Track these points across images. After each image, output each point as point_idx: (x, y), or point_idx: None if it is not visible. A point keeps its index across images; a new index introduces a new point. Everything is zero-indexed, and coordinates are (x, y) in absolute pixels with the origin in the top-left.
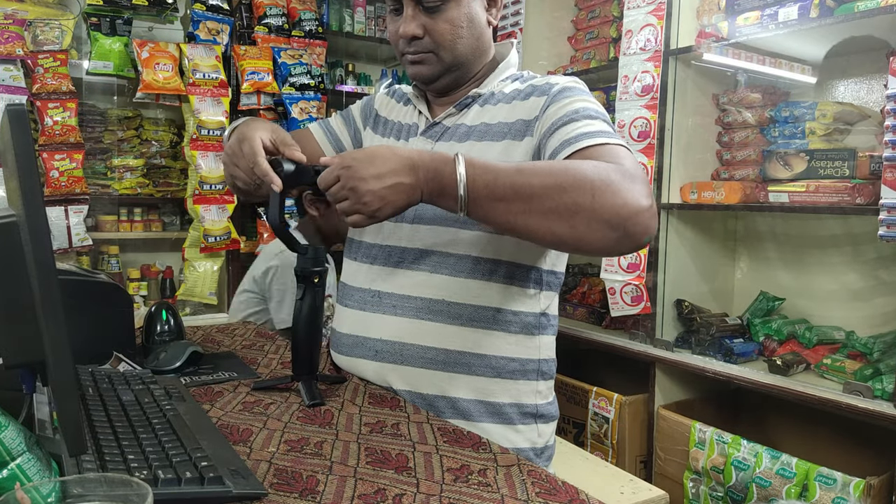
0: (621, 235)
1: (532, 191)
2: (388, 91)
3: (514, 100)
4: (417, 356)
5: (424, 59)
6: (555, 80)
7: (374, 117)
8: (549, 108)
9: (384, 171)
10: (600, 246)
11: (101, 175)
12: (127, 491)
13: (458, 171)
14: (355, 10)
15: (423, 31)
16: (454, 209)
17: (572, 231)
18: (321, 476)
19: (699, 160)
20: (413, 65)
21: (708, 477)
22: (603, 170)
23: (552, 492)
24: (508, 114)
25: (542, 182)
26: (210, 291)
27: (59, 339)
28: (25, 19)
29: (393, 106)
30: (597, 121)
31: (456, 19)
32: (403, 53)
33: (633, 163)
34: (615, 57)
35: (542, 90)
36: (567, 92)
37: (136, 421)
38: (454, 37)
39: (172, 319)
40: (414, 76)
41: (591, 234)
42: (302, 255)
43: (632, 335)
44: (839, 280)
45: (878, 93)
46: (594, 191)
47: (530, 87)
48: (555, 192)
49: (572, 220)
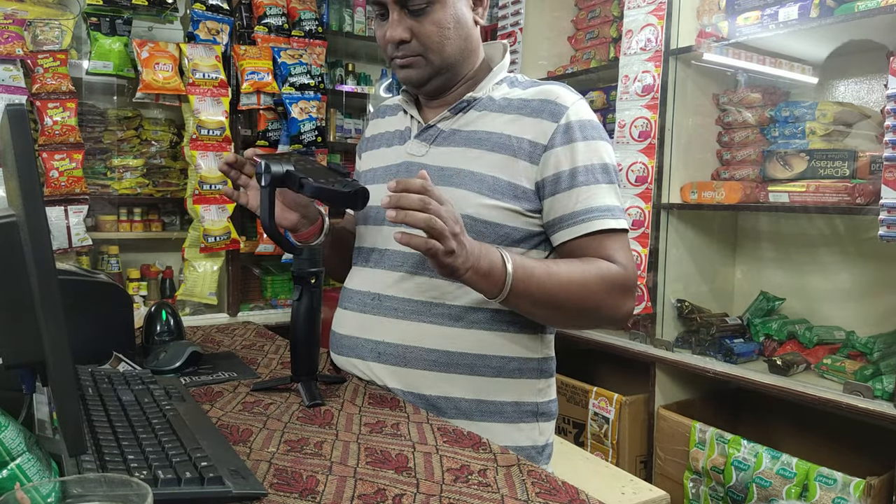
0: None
1: (556, 302)
2: (374, 114)
3: (520, 112)
4: (419, 358)
5: (413, 62)
6: (564, 103)
7: (367, 141)
8: (558, 149)
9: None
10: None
11: (100, 175)
12: (127, 491)
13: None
14: (355, 9)
15: (410, 34)
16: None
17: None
18: (321, 476)
19: (699, 160)
20: (402, 69)
21: (708, 477)
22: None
23: (552, 492)
24: (513, 127)
25: (567, 295)
26: (210, 291)
27: (58, 339)
28: (25, 19)
29: (379, 122)
30: (611, 188)
31: (442, 21)
32: (392, 58)
33: (629, 259)
34: (615, 57)
35: (553, 113)
36: (581, 132)
37: (135, 421)
38: (441, 38)
39: (172, 319)
40: (404, 80)
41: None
42: (297, 255)
43: (632, 335)
44: (839, 280)
45: (878, 93)
46: (600, 306)
47: (538, 103)
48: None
49: (581, 322)
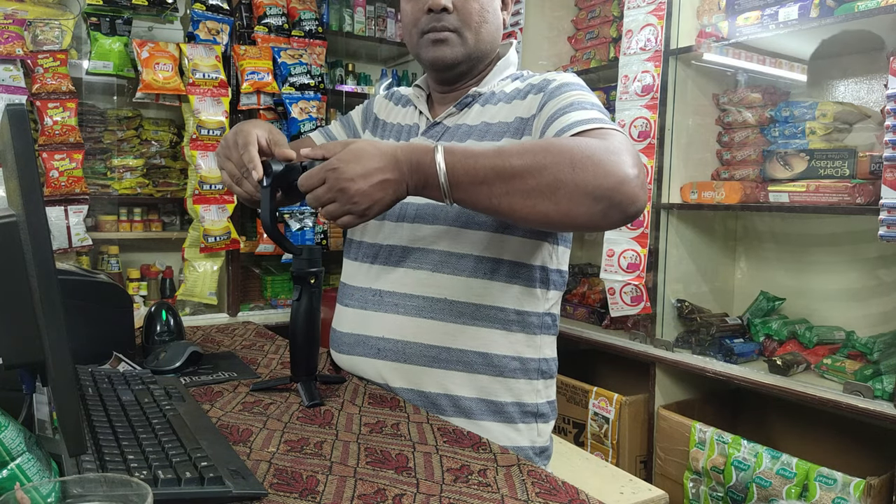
0: (607, 206)
1: (513, 171)
2: (387, 94)
3: (515, 99)
4: (420, 354)
5: (448, 38)
6: (552, 77)
7: (374, 120)
8: (546, 105)
9: (370, 168)
10: (587, 220)
11: (100, 175)
12: (127, 491)
13: (436, 160)
14: (355, 9)
15: (454, 5)
16: (440, 198)
17: (556, 207)
18: (321, 476)
19: (699, 160)
20: (435, 45)
21: (708, 477)
22: (584, 144)
23: (552, 492)
24: (508, 113)
25: (522, 161)
26: (210, 291)
27: (59, 339)
28: (25, 19)
29: (391, 108)
30: (591, 111)
31: (485, 2)
32: (425, 32)
33: (622, 140)
34: (615, 57)
35: (540, 87)
36: (564, 87)
37: (135, 421)
38: (481, 20)
39: (172, 319)
40: (434, 60)
41: (576, 208)
42: (296, 255)
43: (632, 335)
44: (839, 280)
45: (878, 93)
46: (574, 164)
47: (528, 86)
48: (535, 170)
49: (555, 196)
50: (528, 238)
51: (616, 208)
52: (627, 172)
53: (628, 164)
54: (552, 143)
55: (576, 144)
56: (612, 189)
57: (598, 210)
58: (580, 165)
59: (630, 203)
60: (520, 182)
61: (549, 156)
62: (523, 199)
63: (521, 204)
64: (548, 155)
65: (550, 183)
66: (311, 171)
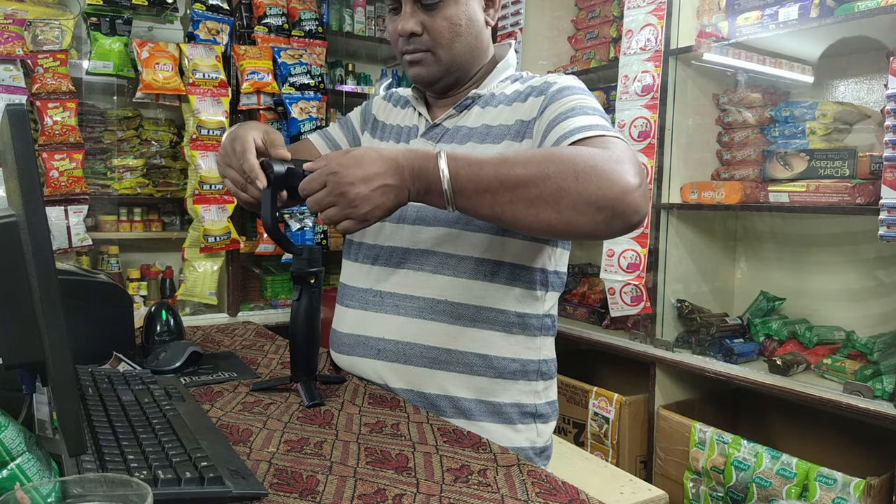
0: (610, 216)
1: (517, 180)
2: (386, 95)
3: (515, 101)
4: (419, 355)
5: (423, 59)
6: (553, 80)
7: (373, 122)
8: (547, 108)
9: (371, 173)
10: (590, 229)
11: (100, 175)
12: (127, 491)
13: (440, 166)
14: (355, 9)
15: (422, 28)
16: (442, 205)
17: (560, 216)
18: (321, 476)
19: (699, 160)
20: (412, 66)
21: (708, 477)
22: (587, 153)
23: (552, 492)
24: (509, 115)
25: (526, 171)
26: (210, 291)
27: (58, 339)
28: (25, 19)
29: (391, 110)
30: (593, 116)
31: (454, 17)
32: (402, 53)
33: (624, 148)
34: (615, 57)
35: (540, 90)
36: (565, 91)
37: (135, 421)
38: (452, 35)
39: (172, 319)
40: (414, 78)
41: (579, 217)
42: (297, 255)
43: (632, 335)
44: (839, 280)
45: (878, 93)
46: (578, 174)
47: (529, 88)
48: (539, 179)
49: (558, 205)
50: (529, 241)
51: (619, 218)
52: (630, 182)
53: (631, 174)
54: (556, 152)
55: (579, 154)
56: (615, 199)
57: (600, 220)
58: (584, 175)
59: (633, 213)
60: (523, 191)
61: (553, 165)
62: (526, 208)
63: (525, 213)
64: (551, 164)
65: (554, 192)
66: (312, 175)
